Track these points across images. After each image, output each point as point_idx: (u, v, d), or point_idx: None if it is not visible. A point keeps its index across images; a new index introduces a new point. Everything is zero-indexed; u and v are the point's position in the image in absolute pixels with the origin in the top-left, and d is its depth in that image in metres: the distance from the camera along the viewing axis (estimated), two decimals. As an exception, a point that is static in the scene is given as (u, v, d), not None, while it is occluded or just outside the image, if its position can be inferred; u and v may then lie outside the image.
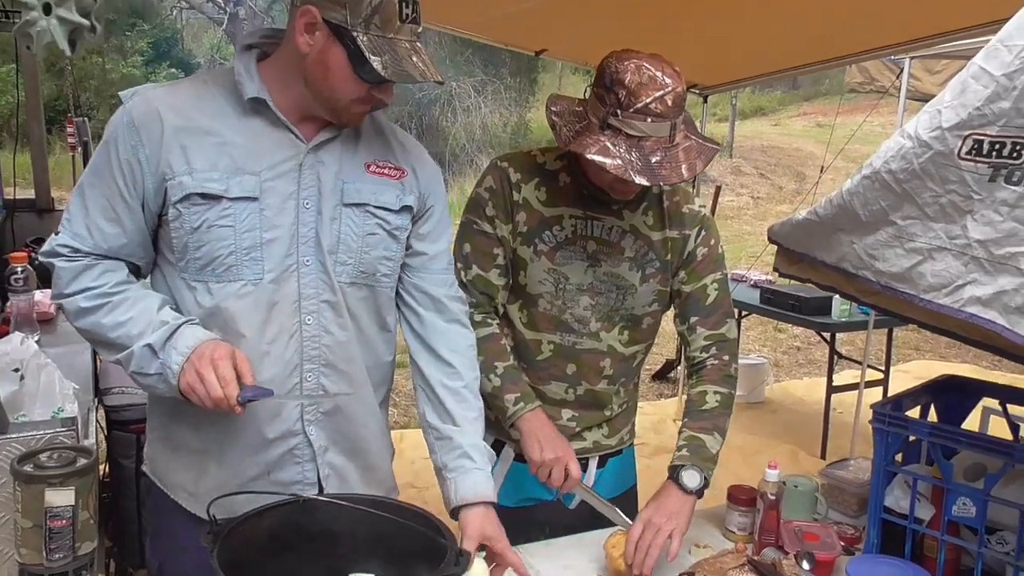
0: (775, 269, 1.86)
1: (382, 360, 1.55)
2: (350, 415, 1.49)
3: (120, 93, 1.36)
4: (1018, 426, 1.75)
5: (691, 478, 1.63)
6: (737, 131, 14.77)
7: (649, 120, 1.49)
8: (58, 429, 1.35)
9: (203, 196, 1.32)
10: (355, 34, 1.27)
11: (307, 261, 1.38)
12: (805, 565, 1.59)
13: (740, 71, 4.29)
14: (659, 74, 1.50)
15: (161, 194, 1.33)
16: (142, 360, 1.29)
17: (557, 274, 1.74)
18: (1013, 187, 1.36)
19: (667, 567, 1.61)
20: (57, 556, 1.20)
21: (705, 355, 1.80)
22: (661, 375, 5.90)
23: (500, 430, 1.79)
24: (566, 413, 1.82)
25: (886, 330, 4.78)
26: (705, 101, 4.88)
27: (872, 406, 1.64)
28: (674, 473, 1.66)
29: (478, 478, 1.48)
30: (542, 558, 1.68)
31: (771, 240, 1.84)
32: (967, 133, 1.38)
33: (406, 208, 1.47)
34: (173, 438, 1.45)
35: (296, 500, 1.32)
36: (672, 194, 1.77)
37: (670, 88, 1.49)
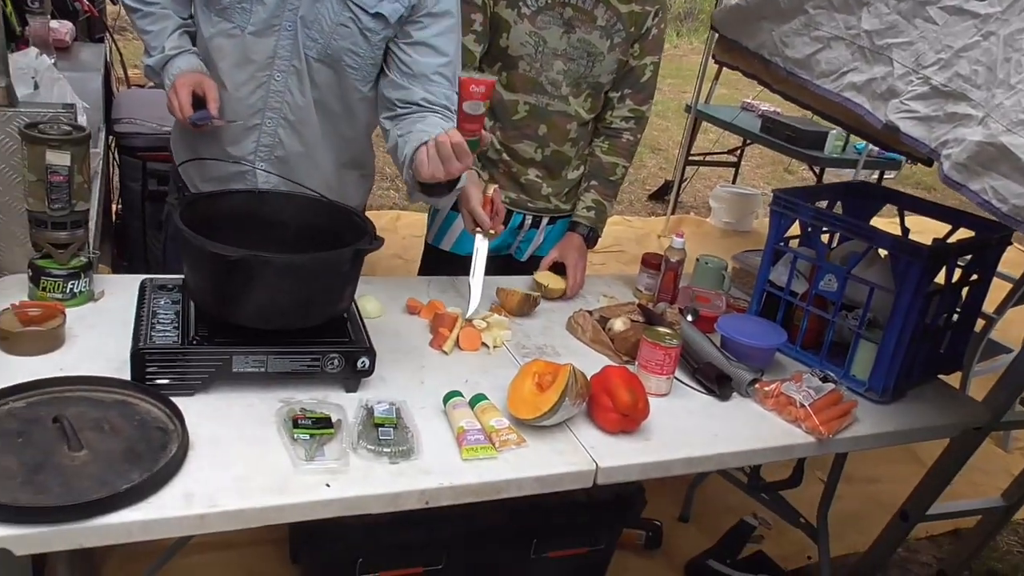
0: (713, 56, 2.00)
1: (343, 133, 1.74)
2: (296, 166, 1.71)
3: None
4: (908, 230, 1.96)
5: (593, 236, 2.05)
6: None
7: None
8: (59, 111, 1.60)
9: None
10: None
11: (288, 27, 1.58)
12: (689, 318, 1.87)
13: None
14: None
15: None
16: (149, 73, 1.70)
17: (537, 37, 1.89)
18: (900, -20, 1.47)
19: (570, 304, 1.92)
20: (57, 207, 1.47)
21: (624, 125, 2.05)
22: (658, 196, 6.08)
23: None
24: (533, 171, 2.06)
25: (877, 172, 4.88)
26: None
27: (774, 191, 1.85)
28: (581, 229, 2.06)
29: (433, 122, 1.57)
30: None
31: (712, 27, 1.97)
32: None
33: (380, 16, 1.57)
34: None
35: (253, 191, 1.61)
36: None
37: None
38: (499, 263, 2.11)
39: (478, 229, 1.76)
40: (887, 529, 2.27)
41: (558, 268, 2.02)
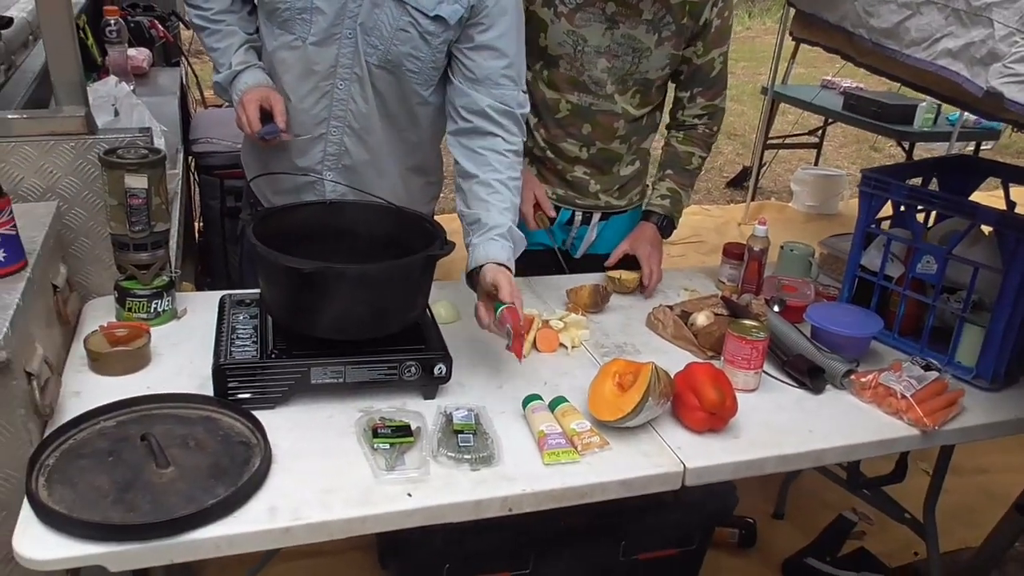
0: (790, 33, 1.90)
1: (407, 138, 1.73)
2: (363, 174, 1.71)
3: None
4: (1014, 203, 1.82)
5: (669, 225, 1.97)
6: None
7: None
8: (136, 135, 1.64)
9: None
10: None
11: (349, 34, 1.58)
12: (776, 308, 1.79)
13: None
14: None
15: None
16: (218, 89, 1.71)
17: (576, 36, 1.82)
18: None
19: (649, 300, 1.87)
20: (137, 229, 1.51)
21: (698, 121, 1.98)
22: (736, 183, 5.91)
23: None
24: (579, 169, 1.99)
25: (972, 144, 4.62)
26: None
27: (862, 170, 1.74)
28: (655, 219, 1.98)
29: (494, 247, 1.49)
30: (545, 287, 1.93)
31: (789, 3, 1.87)
32: None
33: (439, 18, 1.55)
34: None
35: (324, 202, 1.61)
36: None
37: None
38: (552, 258, 2.03)
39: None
40: (1002, 522, 2.12)
41: (631, 263, 1.96)
